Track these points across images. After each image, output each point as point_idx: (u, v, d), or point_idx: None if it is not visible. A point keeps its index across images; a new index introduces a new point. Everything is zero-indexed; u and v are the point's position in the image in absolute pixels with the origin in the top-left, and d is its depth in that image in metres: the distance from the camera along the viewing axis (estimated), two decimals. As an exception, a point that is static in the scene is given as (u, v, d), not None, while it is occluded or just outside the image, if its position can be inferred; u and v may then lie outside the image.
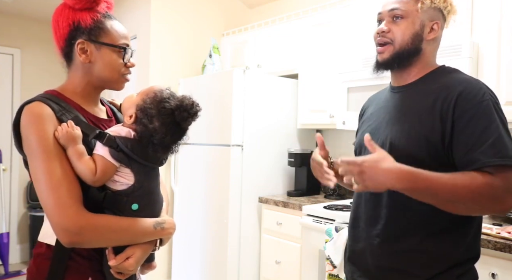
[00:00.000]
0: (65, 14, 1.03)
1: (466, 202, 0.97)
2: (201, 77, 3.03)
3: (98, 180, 0.95)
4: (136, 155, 0.98)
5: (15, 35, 4.09)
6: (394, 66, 1.16)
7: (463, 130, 1.01)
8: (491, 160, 0.96)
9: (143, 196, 1.01)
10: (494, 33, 1.91)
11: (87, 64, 1.05)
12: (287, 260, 2.49)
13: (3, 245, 3.61)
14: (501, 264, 1.57)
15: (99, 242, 0.96)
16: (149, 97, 1.00)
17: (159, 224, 1.03)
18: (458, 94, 1.03)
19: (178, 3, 3.35)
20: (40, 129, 0.92)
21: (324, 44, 2.67)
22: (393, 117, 1.15)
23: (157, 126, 0.97)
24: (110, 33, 1.05)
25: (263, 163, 2.78)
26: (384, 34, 1.14)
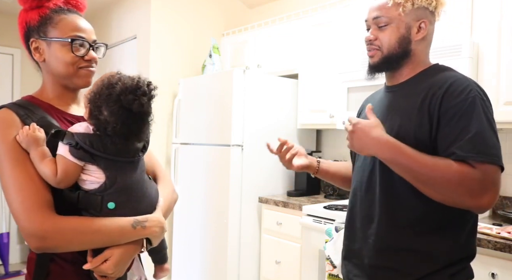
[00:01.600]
0: (20, 17, 1.03)
1: (439, 187, 0.99)
2: (201, 77, 3.03)
3: (60, 181, 0.90)
4: (97, 151, 0.91)
5: (15, 35, 4.03)
6: (384, 69, 1.19)
7: (446, 125, 1.03)
8: (465, 155, 0.98)
9: (119, 193, 0.94)
10: (494, 33, 1.91)
11: (44, 63, 1.03)
12: (287, 260, 2.49)
13: (3, 245, 3.61)
14: (501, 264, 1.58)
15: (69, 246, 0.90)
16: (97, 86, 0.94)
17: (139, 223, 0.95)
18: (445, 91, 1.05)
19: (178, 3, 3.35)
20: (3, 134, 0.91)
21: (324, 44, 2.67)
22: (384, 115, 1.16)
23: (106, 115, 0.91)
24: (58, 26, 1.00)
25: (263, 163, 2.78)
26: (371, 42, 1.17)
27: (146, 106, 0.95)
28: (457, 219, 1.07)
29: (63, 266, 0.96)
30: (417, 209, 1.07)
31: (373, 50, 1.18)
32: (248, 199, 2.70)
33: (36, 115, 0.97)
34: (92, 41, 1.04)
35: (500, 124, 1.87)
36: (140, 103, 0.93)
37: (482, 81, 1.93)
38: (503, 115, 1.86)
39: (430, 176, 0.99)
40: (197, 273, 2.83)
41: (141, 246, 0.99)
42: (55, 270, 0.96)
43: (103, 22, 3.76)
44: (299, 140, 2.97)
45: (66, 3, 1.06)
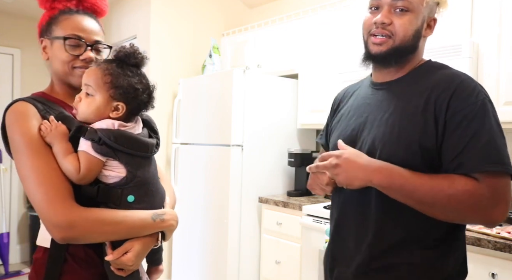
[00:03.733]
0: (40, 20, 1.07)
1: (443, 208, 0.90)
2: (201, 77, 3.03)
3: (83, 178, 0.91)
4: (121, 146, 0.92)
5: (15, 35, 4.09)
6: (391, 62, 1.02)
7: (453, 132, 0.92)
8: (479, 166, 0.88)
9: (138, 187, 0.96)
10: (494, 33, 1.91)
11: (48, 61, 1.05)
12: (287, 260, 2.49)
13: (3, 245, 3.61)
14: (501, 264, 1.58)
15: (93, 237, 0.91)
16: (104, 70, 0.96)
17: (158, 216, 0.97)
18: (452, 93, 0.93)
19: (178, 3, 3.35)
20: (24, 126, 0.91)
21: (324, 44, 2.67)
22: (377, 117, 1.03)
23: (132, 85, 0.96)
24: (60, 26, 1.01)
25: (263, 163, 2.78)
26: (384, 26, 0.99)
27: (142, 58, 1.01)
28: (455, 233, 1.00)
29: (75, 266, 0.97)
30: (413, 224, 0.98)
31: (384, 36, 1.00)
32: (248, 199, 2.70)
33: (54, 110, 0.98)
34: (93, 42, 1.04)
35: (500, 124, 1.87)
36: (142, 57, 1.00)
37: (482, 81, 1.93)
38: (503, 115, 1.86)
39: (434, 198, 0.89)
40: (197, 273, 2.83)
41: (156, 239, 1.01)
42: (68, 270, 0.96)
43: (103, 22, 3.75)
44: (299, 140, 2.97)
45: (78, 4, 1.08)
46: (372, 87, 1.12)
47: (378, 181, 0.92)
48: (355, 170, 0.93)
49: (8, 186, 4.03)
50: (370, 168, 0.93)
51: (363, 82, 1.20)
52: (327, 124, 1.30)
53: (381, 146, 0.99)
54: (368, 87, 1.13)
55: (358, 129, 1.08)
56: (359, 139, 1.06)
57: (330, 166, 0.95)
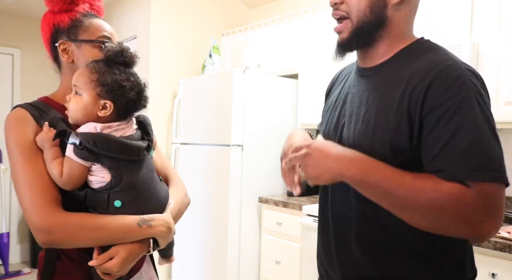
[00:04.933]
0: (46, 18, 1.06)
1: (423, 214, 0.75)
2: (201, 77, 3.03)
3: (66, 183, 0.91)
4: (102, 149, 0.90)
5: (15, 35, 4.09)
6: (355, 45, 0.93)
7: (431, 132, 0.78)
8: (458, 172, 0.74)
9: (126, 191, 0.94)
10: (494, 33, 1.91)
11: (71, 64, 1.05)
12: (287, 260, 2.49)
13: (3, 245, 3.61)
14: (501, 264, 1.58)
15: (74, 242, 0.90)
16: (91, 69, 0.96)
17: (145, 221, 0.93)
18: (429, 84, 0.78)
19: (178, 3, 3.35)
20: (17, 132, 0.93)
21: (324, 44, 2.67)
22: (355, 111, 0.92)
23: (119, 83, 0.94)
24: (88, 29, 1.04)
25: (263, 163, 2.78)
26: (337, 6, 0.91)
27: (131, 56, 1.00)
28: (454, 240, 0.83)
29: (68, 264, 0.97)
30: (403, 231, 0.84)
31: (341, 19, 0.92)
32: (248, 199, 2.70)
33: (48, 115, 0.98)
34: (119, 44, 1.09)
35: (500, 124, 1.87)
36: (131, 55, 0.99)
37: (482, 81, 1.93)
38: (503, 115, 1.86)
39: (412, 201, 0.75)
40: (197, 273, 2.83)
41: (147, 246, 0.98)
42: (61, 268, 0.97)
43: (103, 22, 3.76)
44: (299, 140, 2.97)
45: (90, 8, 1.10)
46: (357, 73, 1.00)
47: (350, 174, 0.79)
48: (326, 161, 0.81)
49: (8, 186, 4.03)
50: (344, 160, 0.80)
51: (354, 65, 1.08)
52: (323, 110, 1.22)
53: (357, 144, 0.88)
54: (354, 73, 1.02)
55: (339, 122, 0.98)
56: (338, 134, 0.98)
57: (300, 157, 0.84)
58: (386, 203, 0.79)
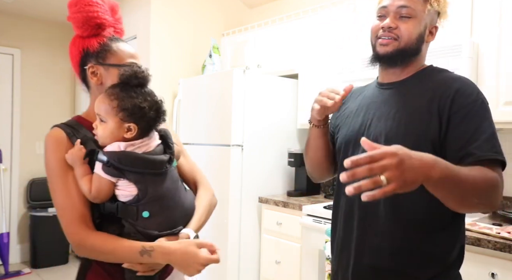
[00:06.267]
0: (76, 43, 1.13)
1: (481, 196, 0.94)
2: (201, 77, 3.03)
3: (95, 197, 1.00)
4: (126, 166, 0.99)
5: (15, 35, 4.09)
6: (397, 62, 1.12)
7: (458, 125, 1.01)
8: (486, 154, 0.97)
9: (152, 203, 1.02)
10: (494, 33, 1.91)
11: (100, 85, 1.12)
12: (287, 260, 2.49)
13: (3, 245, 3.61)
14: (501, 264, 1.58)
15: (92, 258, 1.04)
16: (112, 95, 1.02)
17: (145, 252, 0.99)
18: (455, 91, 1.04)
19: (178, 3, 3.35)
20: (53, 152, 1.04)
21: (324, 44, 2.67)
22: (385, 113, 1.12)
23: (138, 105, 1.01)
24: (116, 54, 1.12)
25: (263, 163, 2.78)
26: (391, 29, 1.10)
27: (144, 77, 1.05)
28: (457, 217, 1.06)
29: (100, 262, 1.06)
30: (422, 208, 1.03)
31: (390, 38, 1.11)
32: (248, 199, 2.70)
33: (80, 133, 1.07)
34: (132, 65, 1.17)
35: (500, 124, 1.87)
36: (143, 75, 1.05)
37: (482, 81, 1.93)
38: (503, 115, 1.86)
39: (474, 187, 0.91)
40: (197, 273, 2.83)
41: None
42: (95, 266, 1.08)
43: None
44: (299, 140, 2.97)
45: (115, 32, 1.19)
46: (378, 87, 1.20)
47: (436, 175, 0.83)
48: (417, 166, 0.80)
49: (8, 186, 4.03)
50: (428, 162, 0.83)
51: (369, 85, 1.28)
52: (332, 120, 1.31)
53: (388, 138, 1.06)
54: (375, 88, 1.22)
55: (365, 124, 1.15)
56: (366, 133, 1.13)
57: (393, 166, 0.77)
58: (454, 194, 0.92)
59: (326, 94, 1.13)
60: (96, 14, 1.10)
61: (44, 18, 4.18)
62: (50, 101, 4.30)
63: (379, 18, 1.15)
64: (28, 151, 4.17)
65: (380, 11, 1.14)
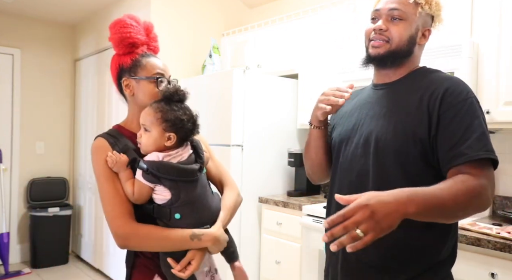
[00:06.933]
0: (114, 60, 1.28)
1: (467, 208, 0.96)
2: (201, 77, 3.03)
3: (136, 199, 1.13)
4: (163, 174, 1.12)
5: (15, 35, 4.09)
6: (387, 63, 1.15)
7: (448, 125, 1.02)
8: (478, 153, 0.97)
9: (183, 206, 1.14)
10: (494, 33, 1.91)
11: (132, 97, 1.25)
12: (287, 260, 2.49)
13: (3, 245, 3.61)
14: (501, 264, 1.58)
15: (143, 247, 1.14)
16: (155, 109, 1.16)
17: (195, 236, 1.13)
18: (445, 90, 1.05)
19: (178, 3, 3.35)
20: (99, 159, 1.16)
21: (324, 44, 2.67)
22: (377, 112, 1.14)
23: (178, 117, 1.16)
24: (145, 67, 1.24)
25: (263, 163, 2.78)
26: (382, 32, 1.13)
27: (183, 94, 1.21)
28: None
29: (144, 261, 1.19)
30: None
31: (381, 40, 1.13)
32: (248, 199, 2.70)
33: (121, 142, 1.20)
34: (169, 77, 1.28)
35: (500, 124, 1.87)
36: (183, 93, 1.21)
37: (482, 81, 1.93)
38: (503, 115, 1.86)
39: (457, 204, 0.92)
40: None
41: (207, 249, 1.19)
42: (140, 264, 1.20)
43: (103, 22, 3.76)
44: (299, 140, 2.97)
45: (148, 49, 1.33)
46: (373, 88, 1.23)
47: (412, 211, 0.86)
48: (391, 210, 0.83)
49: (8, 186, 4.04)
50: (401, 201, 0.85)
51: (365, 88, 1.31)
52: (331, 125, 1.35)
53: (378, 136, 1.09)
54: (370, 89, 1.25)
55: (359, 123, 1.18)
56: (358, 131, 1.17)
57: (365, 218, 0.81)
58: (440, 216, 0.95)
59: (332, 93, 1.15)
60: (129, 34, 1.25)
61: (44, 18, 4.18)
62: (50, 101, 4.30)
63: (373, 20, 1.18)
64: (28, 151, 4.17)
65: (373, 14, 1.18)
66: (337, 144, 1.24)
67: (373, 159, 1.09)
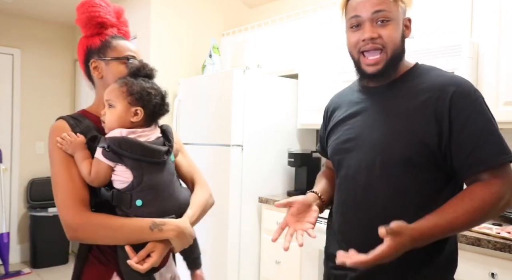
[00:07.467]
0: (81, 42, 1.21)
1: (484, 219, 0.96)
2: (201, 77, 3.03)
3: (93, 180, 1.04)
4: (125, 151, 1.02)
5: (15, 35, 4.09)
6: (390, 74, 1.06)
7: (461, 131, 0.96)
8: (496, 159, 0.94)
9: (146, 191, 1.04)
10: (494, 33, 1.91)
11: (101, 79, 1.18)
12: (287, 260, 2.49)
13: (3, 245, 3.61)
14: (501, 264, 1.58)
15: (95, 239, 1.03)
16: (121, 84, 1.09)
17: (156, 226, 1.03)
18: (452, 94, 0.98)
19: (178, 3, 3.35)
20: (54, 141, 1.07)
21: (324, 44, 2.67)
22: (377, 120, 1.06)
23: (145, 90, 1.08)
24: (115, 48, 1.17)
25: (263, 163, 2.78)
26: (373, 40, 1.02)
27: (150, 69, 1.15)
28: None
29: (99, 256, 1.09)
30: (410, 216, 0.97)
31: (376, 51, 1.02)
32: (248, 199, 2.70)
33: (82, 124, 1.12)
34: (140, 61, 1.21)
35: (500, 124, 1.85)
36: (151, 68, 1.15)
37: (482, 81, 1.93)
38: (503, 115, 1.86)
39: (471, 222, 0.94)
40: (197, 273, 2.83)
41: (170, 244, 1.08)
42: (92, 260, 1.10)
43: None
44: (299, 140, 2.97)
45: (118, 32, 1.25)
46: (365, 91, 1.14)
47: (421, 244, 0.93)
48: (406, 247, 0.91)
49: (8, 186, 4.03)
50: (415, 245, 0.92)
51: (351, 88, 1.22)
52: (322, 132, 1.31)
53: (383, 148, 1.02)
54: (359, 92, 1.16)
55: (356, 132, 1.09)
56: (358, 141, 1.08)
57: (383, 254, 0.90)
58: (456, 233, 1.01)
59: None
60: (98, 14, 1.17)
61: (44, 18, 4.17)
62: (50, 101, 4.30)
63: (353, 29, 1.06)
64: (28, 151, 4.17)
65: (353, 21, 1.05)
66: (336, 156, 1.16)
67: (380, 172, 1.02)
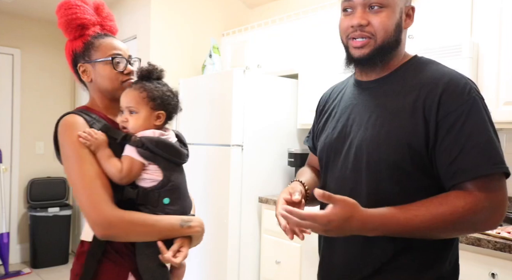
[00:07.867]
0: (67, 47, 1.19)
1: (449, 232, 0.89)
2: (201, 77, 3.03)
3: (124, 176, 1.03)
4: (160, 150, 1.05)
5: (15, 35, 4.09)
6: (376, 62, 0.96)
7: (448, 133, 0.86)
8: (484, 168, 0.84)
9: (173, 190, 1.08)
10: (494, 33, 1.91)
11: (91, 83, 1.17)
12: (287, 260, 2.49)
13: (3, 245, 3.61)
14: (501, 264, 1.58)
15: (129, 235, 1.03)
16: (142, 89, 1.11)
17: (185, 222, 1.08)
18: (442, 91, 0.88)
19: (178, 3, 3.35)
20: (73, 136, 1.03)
21: (324, 44, 2.67)
22: (364, 118, 0.98)
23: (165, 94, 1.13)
24: (99, 49, 1.14)
25: (263, 163, 2.78)
26: (362, 28, 0.94)
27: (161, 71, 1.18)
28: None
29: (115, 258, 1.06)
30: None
31: (364, 38, 0.94)
32: (248, 199, 2.70)
33: (100, 121, 1.11)
34: (128, 57, 1.18)
35: (500, 124, 1.87)
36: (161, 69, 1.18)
37: (482, 81, 1.93)
38: (503, 115, 1.86)
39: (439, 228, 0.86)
40: (197, 273, 2.83)
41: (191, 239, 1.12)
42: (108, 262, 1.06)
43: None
44: (299, 140, 2.97)
45: (102, 29, 1.20)
46: (357, 86, 1.06)
47: (375, 234, 0.88)
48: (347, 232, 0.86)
49: (8, 186, 4.03)
50: (364, 229, 0.86)
51: (348, 81, 1.14)
52: (313, 126, 1.24)
53: (370, 150, 0.95)
54: (353, 87, 1.08)
55: (345, 131, 1.03)
56: (346, 142, 1.02)
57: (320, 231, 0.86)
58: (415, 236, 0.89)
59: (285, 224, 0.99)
60: (75, 16, 1.13)
61: (44, 18, 4.17)
62: (50, 101, 4.30)
63: (345, 13, 0.98)
64: (28, 151, 4.17)
65: (345, 5, 0.97)
66: (324, 154, 1.09)
67: (366, 176, 0.96)
